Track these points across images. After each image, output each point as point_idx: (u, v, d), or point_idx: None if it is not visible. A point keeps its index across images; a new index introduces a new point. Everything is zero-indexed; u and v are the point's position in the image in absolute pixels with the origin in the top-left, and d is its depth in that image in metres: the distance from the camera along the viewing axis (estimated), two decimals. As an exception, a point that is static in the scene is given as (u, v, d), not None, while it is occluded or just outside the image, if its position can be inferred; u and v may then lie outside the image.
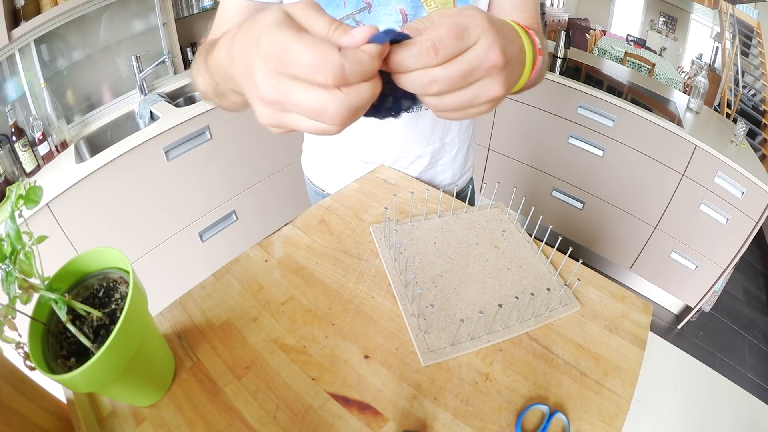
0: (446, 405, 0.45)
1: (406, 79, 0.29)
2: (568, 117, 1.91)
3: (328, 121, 0.26)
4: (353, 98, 0.26)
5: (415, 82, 0.29)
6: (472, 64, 0.29)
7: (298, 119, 0.28)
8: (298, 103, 0.26)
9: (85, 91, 1.63)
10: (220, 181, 1.83)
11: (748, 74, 1.77)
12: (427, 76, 0.28)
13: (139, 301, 0.38)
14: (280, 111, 0.28)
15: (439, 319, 0.53)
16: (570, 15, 2.20)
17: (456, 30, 0.28)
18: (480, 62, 0.29)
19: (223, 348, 0.49)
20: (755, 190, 1.52)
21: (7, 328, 0.33)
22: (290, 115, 0.28)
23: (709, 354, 1.88)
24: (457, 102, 0.30)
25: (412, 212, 0.68)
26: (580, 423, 0.45)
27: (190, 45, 1.93)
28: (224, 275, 0.58)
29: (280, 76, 0.26)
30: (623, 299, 0.57)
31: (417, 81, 0.28)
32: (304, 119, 0.28)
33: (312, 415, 0.44)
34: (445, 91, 0.29)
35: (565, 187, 2.08)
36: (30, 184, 0.36)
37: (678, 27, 1.91)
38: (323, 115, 0.26)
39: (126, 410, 0.44)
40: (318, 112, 0.26)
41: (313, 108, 0.26)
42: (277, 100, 0.27)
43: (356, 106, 0.26)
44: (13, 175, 1.37)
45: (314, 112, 0.26)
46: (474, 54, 0.29)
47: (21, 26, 1.33)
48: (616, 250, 2.06)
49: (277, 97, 0.27)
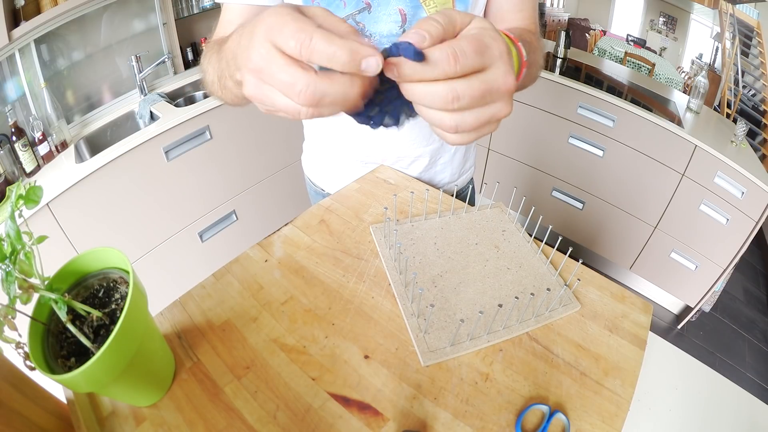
0: (446, 405, 0.45)
1: (428, 93, 0.28)
2: (568, 117, 1.91)
3: (294, 98, 0.27)
4: (322, 85, 0.26)
5: (439, 97, 0.28)
6: (492, 86, 0.29)
7: (275, 95, 0.29)
8: (274, 73, 0.27)
9: (85, 91, 1.64)
10: (220, 181, 1.83)
11: (748, 74, 1.77)
12: (451, 93, 0.28)
13: (139, 301, 0.38)
14: (261, 81, 0.29)
15: (439, 319, 0.53)
16: (570, 15, 2.21)
17: (478, 46, 0.28)
18: (498, 85, 0.30)
19: (223, 348, 0.49)
20: (755, 190, 1.52)
21: (7, 328, 0.33)
22: (269, 88, 0.29)
23: (709, 354, 1.88)
24: (476, 121, 0.31)
25: (412, 212, 0.68)
26: (580, 423, 0.45)
27: (190, 45, 1.93)
28: (224, 275, 0.58)
29: (270, 44, 0.27)
30: (623, 299, 0.57)
31: (441, 96, 0.28)
32: (279, 96, 0.29)
33: (312, 415, 0.44)
34: (465, 108, 0.30)
35: (565, 187, 2.08)
36: (30, 184, 0.36)
37: (678, 27, 1.91)
38: (291, 90, 0.27)
39: (126, 410, 0.44)
40: (287, 86, 0.27)
41: (284, 81, 0.27)
42: (260, 68, 0.28)
43: (323, 93, 0.27)
44: (13, 175, 1.37)
45: (285, 85, 0.27)
46: (493, 76, 0.29)
47: (21, 26, 1.33)
48: (616, 250, 2.06)
49: (261, 64, 0.28)
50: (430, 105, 0.29)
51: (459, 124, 0.30)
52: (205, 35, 1.98)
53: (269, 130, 1.91)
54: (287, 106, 0.29)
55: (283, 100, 0.29)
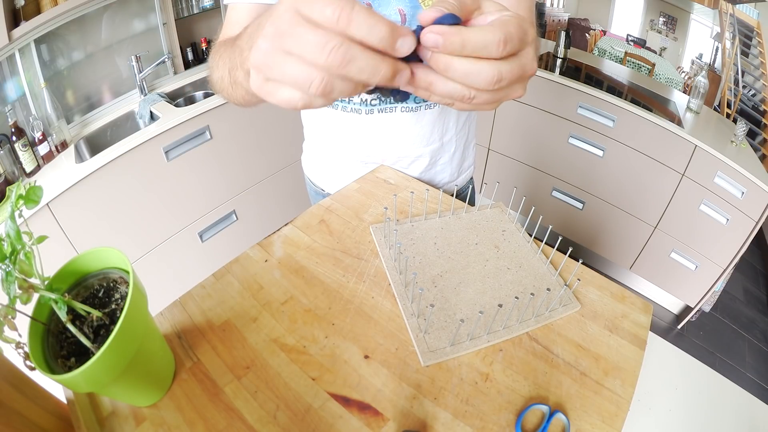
0: (446, 405, 0.45)
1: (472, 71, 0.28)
2: (568, 117, 1.91)
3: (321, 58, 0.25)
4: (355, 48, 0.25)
5: (483, 77, 0.28)
6: (524, 70, 0.30)
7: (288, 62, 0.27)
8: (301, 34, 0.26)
9: (85, 91, 1.64)
10: (220, 181, 1.83)
11: (748, 74, 1.77)
12: (497, 74, 0.28)
13: (139, 301, 0.38)
14: (277, 48, 0.27)
15: (439, 319, 0.53)
16: (570, 15, 2.21)
17: (521, 33, 0.29)
18: (527, 70, 0.30)
19: (223, 348, 0.49)
20: (755, 190, 1.52)
21: (7, 328, 0.33)
22: (283, 55, 0.27)
23: (709, 354, 1.88)
24: (492, 98, 0.31)
25: (412, 212, 0.68)
26: (580, 423, 0.45)
27: (190, 45, 1.93)
28: (224, 275, 0.58)
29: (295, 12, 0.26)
30: (623, 299, 0.57)
31: (486, 76, 0.28)
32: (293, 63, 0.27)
33: (312, 415, 0.44)
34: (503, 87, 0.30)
35: (565, 187, 2.08)
36: (30, 184, 0.36)
37: (678, 27, 1.91)
38: (320, 50, 0.25)
39: (126, 410, 0.44)
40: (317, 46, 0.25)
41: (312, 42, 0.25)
42: (282, 32, 0.26)
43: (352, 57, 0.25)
44: (13, 175, 1.37)
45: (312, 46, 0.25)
46: (525, 60, 0.30)
47: (21, 26, 1.33)
48: (616, 250, 2.06)
49: (284, 27, 0.26)
50: (470, 83, 0.29)
51: (477, 99, 0.30)
52: (205, 35, 1.98)
53: (269, 130, 1.91)
54: (299, 75, 0.26)
55: (296, 68, 0.26)
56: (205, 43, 1.96)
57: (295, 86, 0.27)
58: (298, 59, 0.26)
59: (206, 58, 1.95)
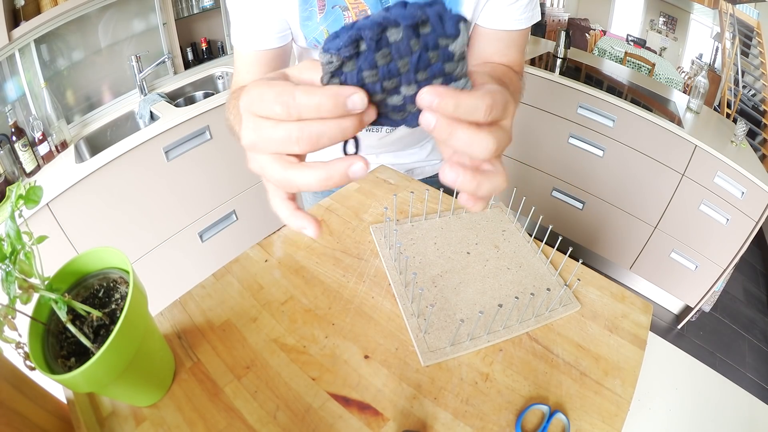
0: (446, 405, 0.45)
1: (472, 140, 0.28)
2: (568, 117, 1.91)
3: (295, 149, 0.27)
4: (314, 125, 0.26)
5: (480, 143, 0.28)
6: (503, 144, 0.30)
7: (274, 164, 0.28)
8: (269, 137, 0.27)
9: (85, 91, 1.63)
10: (220, 181, 1.82)
11: (748, 74, 1.77)
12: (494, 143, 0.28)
13: (139, 301, 0.38)
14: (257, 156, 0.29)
15: (439, 319, 0.53)
16: (570, 15, 2.21)
17: (505, 104, 0.29)
18: (505, 145, 0.30)
19: (223, 348, 0.49)
20: (755, 190, 1.52)
21: (7, 328, 0.33)
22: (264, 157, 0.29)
23: (709, 354, 1.88)
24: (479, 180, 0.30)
25: (412, 212, 0.68)
26: (580, 423, 0.45)
27: (190, 45, 1.93)
28: (224, 275, 0.58)
29: (255, 117, 0.27)
30: (623, 299, 0.57)
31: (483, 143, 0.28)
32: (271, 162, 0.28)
33: (312, 415, 0.44)
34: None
35: (565, 187, 2.08)
36: (30, 184, 0.36)
37: (678, 27, 1.91)
38: (290, 145, 0.27)
39: (126, 410, 0.44)
40: (285, 142, 0.27)
41: (280, 139, 0.27)
42: (254, 143, 0.28)
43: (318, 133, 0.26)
44: (13, 175, 1.37)
45: (282, 143, 0.27)
46: (506, 128, 0.30)
47: (21, 26, 1.33)
48: (616, 250, 2.06)
49: (253, 137, 0.28)
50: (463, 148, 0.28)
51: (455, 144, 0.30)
52: (205, 35, 1.98)
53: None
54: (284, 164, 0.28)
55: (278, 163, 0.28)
56: (205, 43, 1.96)
57: None
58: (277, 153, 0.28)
59: (206, 58, 1.97)
